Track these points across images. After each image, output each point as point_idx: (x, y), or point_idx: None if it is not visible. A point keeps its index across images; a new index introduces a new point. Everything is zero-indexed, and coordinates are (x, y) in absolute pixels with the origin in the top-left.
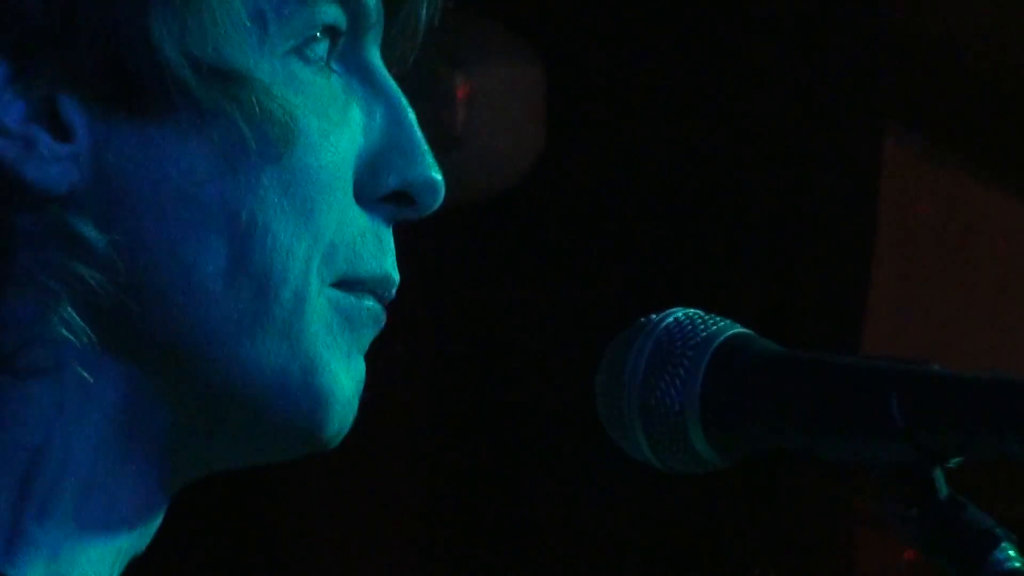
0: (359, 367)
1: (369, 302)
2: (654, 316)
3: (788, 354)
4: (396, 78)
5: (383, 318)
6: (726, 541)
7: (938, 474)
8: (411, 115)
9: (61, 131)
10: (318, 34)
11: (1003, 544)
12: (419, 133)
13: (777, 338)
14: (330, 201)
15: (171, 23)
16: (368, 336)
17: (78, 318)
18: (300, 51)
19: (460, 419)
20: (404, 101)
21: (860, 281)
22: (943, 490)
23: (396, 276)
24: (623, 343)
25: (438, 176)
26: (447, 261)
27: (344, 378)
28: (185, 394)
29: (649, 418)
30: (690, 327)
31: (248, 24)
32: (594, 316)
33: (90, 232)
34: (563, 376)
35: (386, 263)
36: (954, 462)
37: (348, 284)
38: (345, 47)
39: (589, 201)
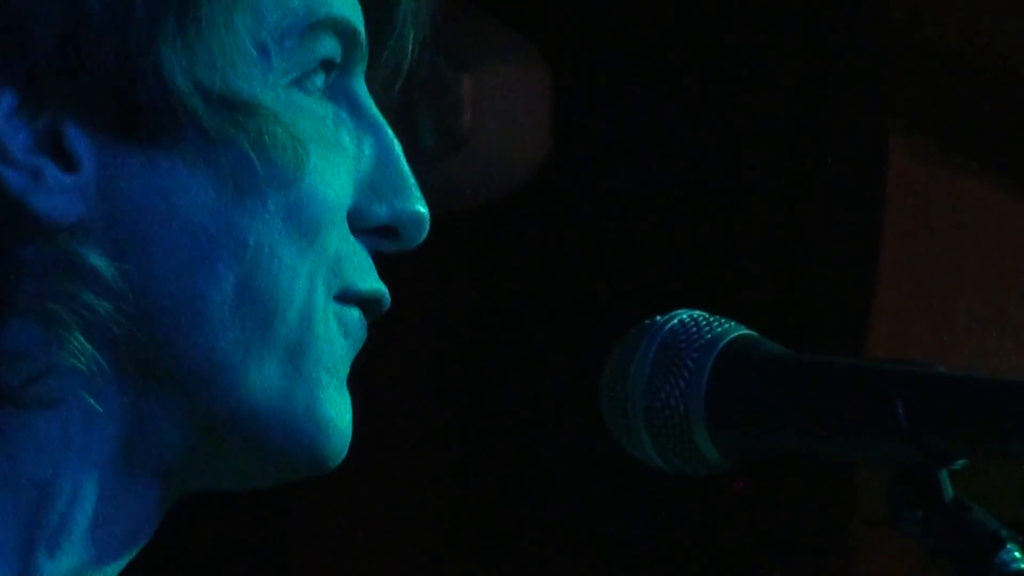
0: (348, 398)
1: (358, 312)
2: (659, 317)
3: (793, 356)
4: (381, 107)
5: (365, 336)
6: (729, 542)
7: (943, 476)
8: (399, 147)
9: (66, 161)
10: (317, 66)
11: (1008, 545)
12: (407, 166)
13: (782, 340)
14: (332, 222)
15: (180, 53)
16: (352, 355)
17: (89, 346)
18: (300, 83)
19: (464, 420)
20: (391, 133)
21: (866, 282)
22: (948, 492)
23: (388, 296)
24: (628, 344)
25: (425, 210)
26: (452, 262)
27: (343, 405)
28: (187, 421)
29: (654, 420)
30: (695, 329)
31: (253, 55)
32: (599, 317)
33: (99, 261)
34: (568, 377)
35: (378, 282)
36: (959, 464)
37: (347, 297)
38: (334, 79)
39: (594, 202)
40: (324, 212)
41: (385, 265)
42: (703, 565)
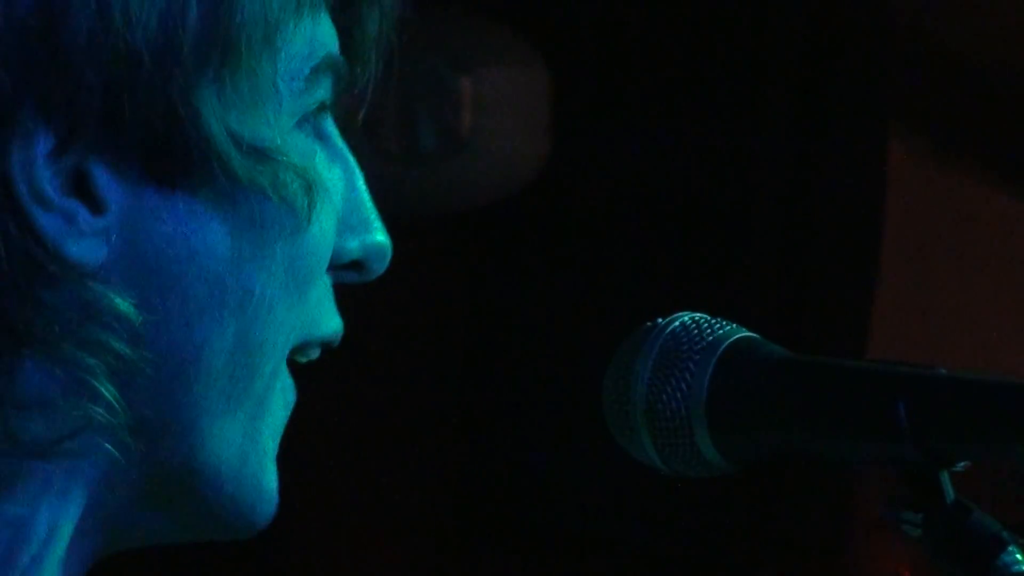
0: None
1: (292, 381)
2: (660, 320)
3: (794, 358)
4: (343, 132)
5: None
6: (730, 544)
7: (944, 478)
8: (362, 178)
9: (93, 202)
10: (316, 108)
11: (1010, 547)
12: (370, 196)
13: (783, 342)
14: (319, 272)
15: (214, 100)
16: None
17: (121, 398)
18: (300, 125)
19: (466, 422)
20: (356, 164)
21: (866, 284)
22: (949, 494)
23: (342, 332)
24: (630, 347)
25: (388, 240)
26: (455, 264)
27: (276, 478)
28: (154, 471)
29: (655, 422)
30: (696, 331)
31: (271, 99)
32: (600, 320)
33: (125, 307)
34: (570, 379)
35: (337, 320)
36: (961, 466)
37: (304, 346)
38: None
39: (595, 205)
40: (316, 262)
41: (390, 266)
42: (704, 567)
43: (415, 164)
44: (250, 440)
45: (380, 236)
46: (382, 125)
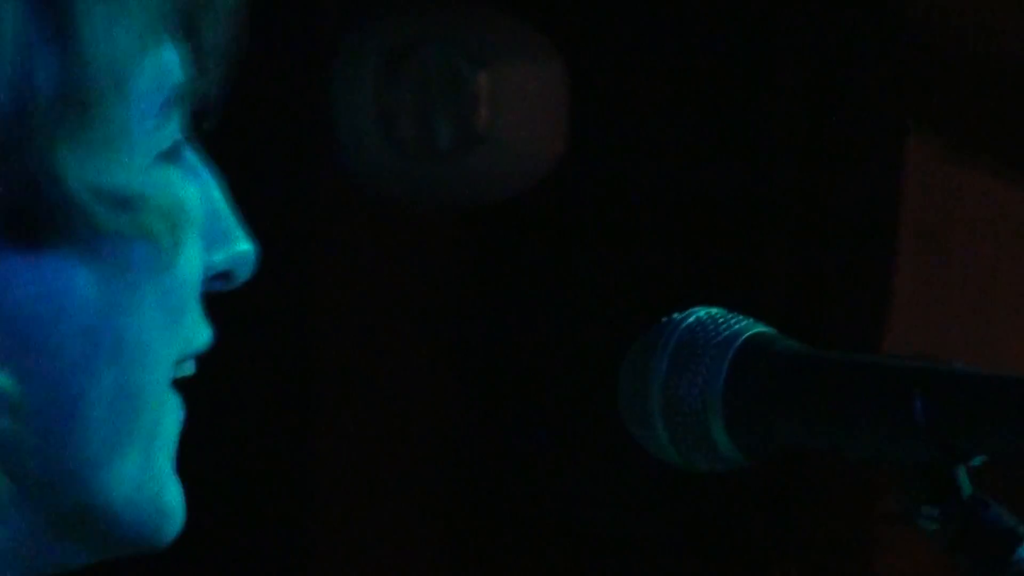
0: (179, 483)
1: (179, 398)
2: (676, 315)
3: (810, 352)
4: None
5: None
6: (745, 540)
7: (961, 473)
8: (219, 188)
9: None
10: (172, 144)
11: None
12: (228, 206)
13: (799, 336)
14: (191, 300)
15: (71, 158)
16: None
17: (3, 472)
18: (156, 161)
19: (479, 418)
20: (210, 175)
21: (882, 280)
22: (966, 488)
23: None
24: (646, 342)
25: (251, 247)
26: (468, 259)
27: (179, 491)
28: (37, 516)
29: (672, 416)
30: (712, 325)
31: (127, 143)
32: (617, 315)
33: (4, 382)
34: (586, 375)
35: (208, 331)
36: (977, 461)
37: (181, 360)
38: None
39: (611, 199)
40: (191, 292)
41: (396, 264)
42: (718, 563)
43: (431, 159)
44: (143, 470)
45: (243, 244)
46: (398, 120)
